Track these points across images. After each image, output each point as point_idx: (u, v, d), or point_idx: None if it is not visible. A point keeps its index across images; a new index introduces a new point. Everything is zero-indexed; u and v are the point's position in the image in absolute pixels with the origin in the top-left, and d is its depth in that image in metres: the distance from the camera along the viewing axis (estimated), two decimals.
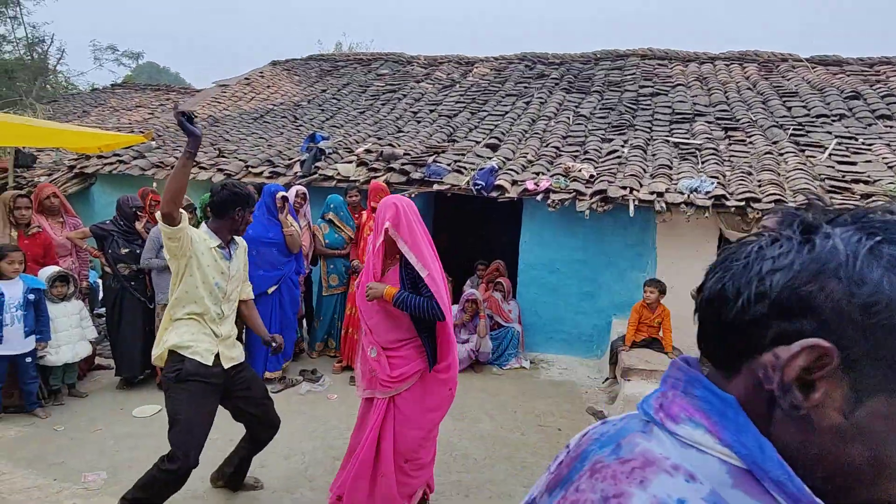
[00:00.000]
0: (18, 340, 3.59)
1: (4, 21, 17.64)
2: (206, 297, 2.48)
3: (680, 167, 5.49)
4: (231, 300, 2.62)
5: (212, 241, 2.51)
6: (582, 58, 9.57)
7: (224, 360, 2.55)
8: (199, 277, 2.44)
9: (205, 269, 2.46)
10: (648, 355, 4.41)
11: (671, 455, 0.51)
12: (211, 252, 2.49)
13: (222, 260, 2.54)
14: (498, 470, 3.37)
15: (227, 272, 2.55)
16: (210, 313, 2.51)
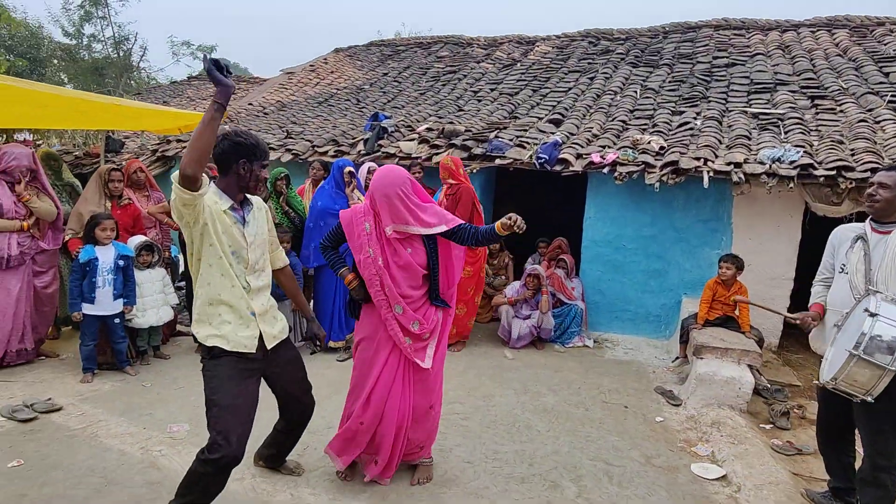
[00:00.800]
0: (108, 302, 3.87)
1: (95, 22, 19.05)
2: (231, 269, 2.15)
3: (760, 138, 5.13)
4: (258, 270, 2.27)
5: (222, 202, 2.13)
6: (649, 32, 9.13)
7: (267, 340, 2.27)
8: (220, 247, 2.11)
9: (221, 237, 2.11)
10: (723, 333, 4.17)
11: None
12: (222, 216, 2.12)
13: (236, 225, 2.17)
14: (562, 442, 3.31)
15: (244, 238, 2.19)
16: (238, 288, 2.18)
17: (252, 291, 2.23)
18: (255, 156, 2.14)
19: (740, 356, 3.90)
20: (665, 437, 3.46)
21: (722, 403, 3.77)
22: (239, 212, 2.20)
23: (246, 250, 2.19)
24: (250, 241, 2.21)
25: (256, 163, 2.15)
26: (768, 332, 4.81)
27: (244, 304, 2.19)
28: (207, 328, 2.16)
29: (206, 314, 2.17)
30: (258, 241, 2.26)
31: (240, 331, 2.18)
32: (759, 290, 4.77)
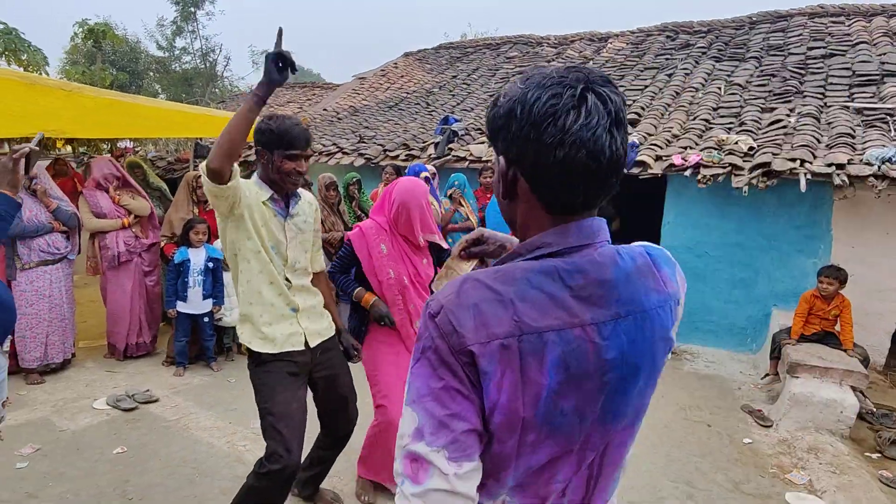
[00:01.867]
0: (199, 301, 4.14)
1: (185, 36, 20.51)
2: (271, 265, 2.02)
3: (866, 135, 4.67)
4: (297, 270, 2.12)
5: (262, 192, 2.00)
6: (734, 23, 8.57)
7: (310, 337, 2.13)
8: (258, 241, 1.98)
9: (260, 230, 1.99)
10: (821, 351, 3.83)
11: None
12: (262, 207, 1.98)
13: (276, 218, 2.03)
14: (641, 460, 3.16)
15: (284, 234, 2.05)
16: (278, 284, 2.05)
17: (293, 288, 2.10)
18: (276, 145, 1.91)
19: (842, 376, 3.56)
20: (754, 460, 3.22)
21: (820, 427, 3.46)
22: (280, 204, 2.04)
23: (285, 245, 2.05)
24: (290, 236, 2.06)
25: (278, 153, 1.92)
26: (874, 349, 4.37)
27: (283, 300, 2.06)
28: (250, 330, 2.06)
29: (248, 314, 2.06)
30: (300, 239, 2.10)
31: (282, 329, 2.07)
32: (863, 304, 4.34)
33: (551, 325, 0.74)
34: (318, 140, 7.23)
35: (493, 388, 0.73)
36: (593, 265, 0.78)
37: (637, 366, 0.81)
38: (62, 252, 3.98)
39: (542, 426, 0.76)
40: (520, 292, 0.75)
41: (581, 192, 0.77)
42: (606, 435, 0.83)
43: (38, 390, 3.77)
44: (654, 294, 0.82)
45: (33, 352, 3.87)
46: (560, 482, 0.82)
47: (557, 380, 0.75)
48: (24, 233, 3.76)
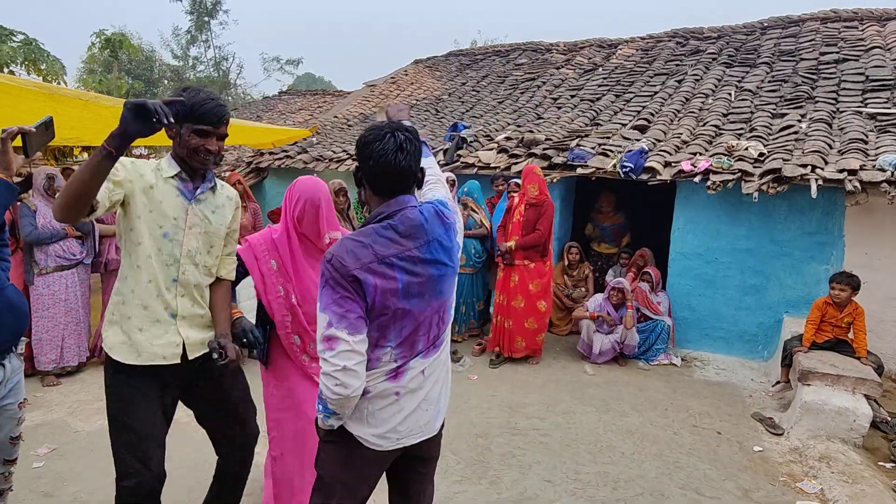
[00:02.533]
0: None
1: (199, 45, 20.85)
2: (153, 257, 1.75)
3: (879, 141, 4.63)
4: (196, 264, 1.83)
5: (168, 169, 1.78)
6: (745, 28, 8.54)
7: (191, 349, 1.84)
8: (147, 228, 1.73)
9: (147, 216, 1.73)
10: (834, 358, 3.79)
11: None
12: (161, 186, 1.75)
13: (178, 198, 1.77)
14: (648, 466, 3.15)
15: (184, 217, 1.78)
16: (157, 283, 1.76)
17: (181, 285, 1.81)
18: (186, 117, 1.70)
19: (855, 384, 3.52)
20: (765, 468, 3.19)
21: (832, 436, 3.42)
22: (188, 185, 1.81)
23: (182, 232, 1.78)
24: (192, 222, 1.80)
25: (187, 126, 1.71)
26: (888, 358, 4.31)
27: (161, 302, 1.78)
28: (117, 333, 1.77)
29: (119, 314, 1.79)
30: (204, 229, 1.84)
31: (156, 338, 1.77)
32: (877, 312, 4.30)
33: (393, 252, 1.43)
34: (328, 147, 7.31)
35: (371, 291, 1.40)
36: (408, 218, 1.46)
37: (442, 262, 1.50)
38: (77, 258, 4.07)
39: (403, 305, 1.44)
40: (372, 239, 1.43)
41: (388, 184, 1.48)
42: (440, 305, 1.53)
43: (54, 392, 3.83)
44: (441, 228, 1.52)
45: (49, 354, 3.94)
46: (422, 336, 1.51)
47: (404, 280, 1.43)
48: (40, 239, 3.86)
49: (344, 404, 1.41)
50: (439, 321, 1.55)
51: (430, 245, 1.47)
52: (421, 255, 1.45)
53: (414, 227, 1.45)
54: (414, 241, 1.45)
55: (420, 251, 1.45)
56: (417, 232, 1.45)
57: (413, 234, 1.45)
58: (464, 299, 5.14)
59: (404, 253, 1.43)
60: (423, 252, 1.46)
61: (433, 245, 1.47)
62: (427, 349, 1.53)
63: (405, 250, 1.43)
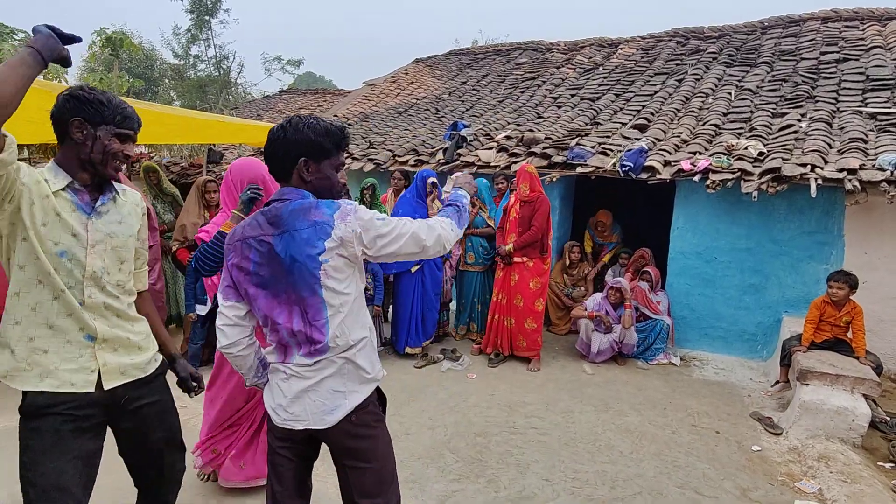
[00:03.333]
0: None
1: (199, 43, 20.84)
2: (54, 275, 1.52)
3: (879, 140, 4.62)
4: (106, 286, 1.61)
5: (56, 181, 1.55)
6: (745, 28, 8.54)
7: (107, 376, 1.60)
8: (38, 243, 1.50)
9: (39, 229, 1.50)
10: (833, 358, 3.78)
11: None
12: (53, 199, 1.52)
13: (74, 213, 1.56)
14: (647, 466, 3.15)
15: (85, 234, 1.56)
16: (65, 301, 1.54)
17: (92, 308, 1.58)
18: (100, 117, 1.55)
19: (854, 384, 3.52)
20: (763, 468, 3.19)
21: (831, 436, 3.42)
22: (84, 196, 1.59)
23: (84, 251, 1.56)
24: (93, 239, 1.58)
25: (103, 128, 1.56)
26: (887, 357, 4.31)
27: (75, 322, 1.56)
28: (10, 358, 1.52)
29: (12, 338, 1.53)
30: (108, 245, 1.62)
31: (65, 362, 1.54)
32: (877, 311, 4.29)
33: (253, 235, 1.58)
34: None
35: (230, 266, 1.62)
36: (276, 208, 1.57)
37: (294, 257, 1.52)
38: None
39: (253, 289, 1.59)
40: (248, 221, 1.62)
41: (270, 168, 1.64)
42: (298, 297, 1.56)
43: None
44: (304, 222, 1.53)
45: None
46: (283, 324, 1.58)
47: (256, 260, 1.57)
48: None
49: (231, 360, 1.68)
50: (307, 322, 1.56)
51: (284, 236, 1.53)
52: (273, 243, 1.54)
53: (276, 216, 1.56)
54: (273, 229, 1.55)
55: (274, 239, 1.54)
56: (277, 221, 1.55)
57: (274, 223, 1.56)
58: (477, 298, 5.15)
59: (260, 237, 1.57)
60: (276, 241, 1.54)
61: (286, 237, 1.53)
62: (305, 348, 1.58)
63: (263, 234, 1.56)
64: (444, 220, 1.68)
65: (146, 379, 1.71)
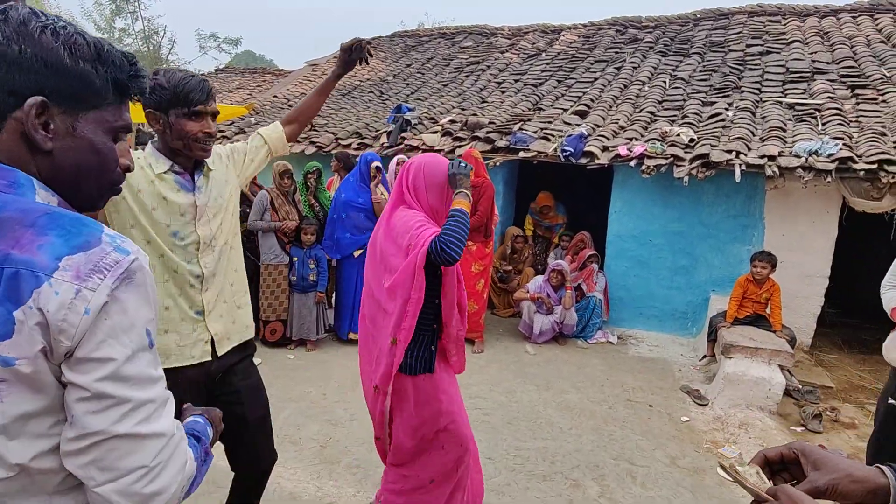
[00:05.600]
0: None
1: (125, 16, 19.45)
2: (168, 255, 1.62)
3: (796, 129, 4.95)
4: (214, 247, 1.69)
5: (157, 165, 1.62)
6: (679, 19, 8.87)
7: (220, 344, 1.72)
8: (148, 227, 1.58)
9: (152, 215, 1.58)
10: (753, 332, 4.06)
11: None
12: (157, 184, 1.59)
13: (179, 193, 1.62)
14: (585, 440, 3.28)
15: (193, 211, 1.64)
16: (178, 280, 1.63)
17: (205, 279, 1.67)
18: (166, 102, 1.55)
19: (771, 356, 3.79)
20: (691, 437, 3.40)
21: (751, 404, 3.68)
22: (185, 176, 1.65)
23: (194, 226, 1.64)
24: (200, 213, 1.65)
25: (172, 113, 1.55)
26: (801, 331, 4.67)
27: (186, 301, 1.65)
28: None
29: None
30: (213, 212, 1.70)
31: (183, 338, 1.64)
32: (792, 288, 4.63)
33: None
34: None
35: None
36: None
37: None
38: None
39: None
40: None
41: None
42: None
43: None
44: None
45: None
46: None
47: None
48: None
49: None
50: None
51: None
52: None
53: None
54: None
55: None
56: None
57: None
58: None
59: None
60: None
61: None
62: None
63: None
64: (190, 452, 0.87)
65: (245, 347, 1.83)
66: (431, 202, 1.99)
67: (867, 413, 3.84)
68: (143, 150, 1.66)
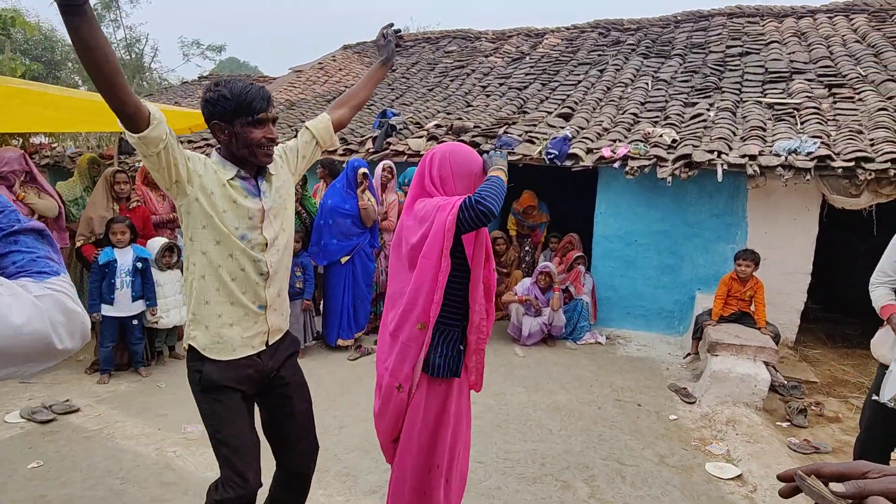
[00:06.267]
0: (127, 304, 3.92)
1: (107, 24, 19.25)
2: (236, 255, 1.69)
3: (776, 129, 5.03)
4: (277, 247, 1.78)
5: (225, 171, 1.67)
6: (661, 22, 8.99)
7: (272, 335, 1.84)
8: (221, 227, 1.65)
9: (223, 217, 1.65)
10: (738, 330, 4.11)
11: None
12: (226, 189, 1.66)
13: (247, 199, 1.69)
14: (574, 441, 3.29)
15: (260, 215, 1.71)
16: (245, 277, 1.72)
17: (270, 277, 1.77)
18: (230, 112, 1.59)
19: (756, 353, 3.84)
20: (679, 435, 3.42)
21: (737, 401, 3.72)
22: (251, 182, 1.71)
23: (260, 230, 1.72)
24: (266, 217, 1.73)
25: (237, 122, 1.60)
26: (785, 327, 4.73)
27: (251, 297, 1.74)
28: (205, 334, 1.72)
29: (203, 315, 1.72)
30: (274, 214, 1.77)
31: (244, 329, 1.75)
32: (775, 285, 4.69)
33: None
34: None
35: None
36: None
37: None
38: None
39: None
40: None
41: None
42: None
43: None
44: None
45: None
46: None
47: None
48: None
49: None
50: None
51: None
52: None
53: None
54: None
55: None
56: None
57: None
58: None
59: None
60: None
61: None
62: None
63: None
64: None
65: (292, 344, 1.95)
66: (459, 191, 1.87)
67: (850, 407, 3.90)
68: (211, 156, 1.73)
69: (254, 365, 1.79)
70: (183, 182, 1.60)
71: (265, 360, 1.82)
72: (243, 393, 1.79)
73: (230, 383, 1.74)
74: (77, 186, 4.64)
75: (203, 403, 1.78)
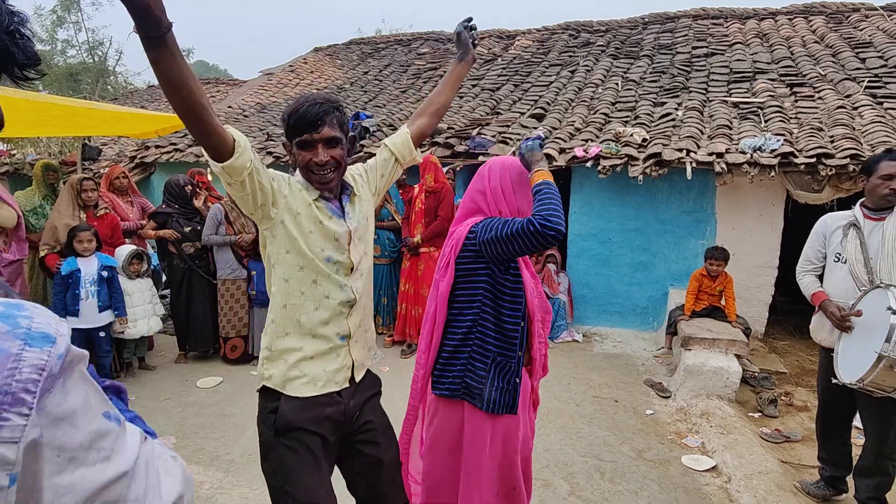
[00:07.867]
0: (93, 315, 3.79)
1: (68, 27, 18.67)
2: (319, 281, 1.57)
3: (741, 127, 5.16)
4: (362, 271, 1.66)
5: (310, 192, 1.58)
6: (629, 23, 9.16)
7: (357, 370, 1.67)
8: (307, 251, 1.54)
9: (309, 238, 1.55)
10: (710, 324, 4.20)
11: None
12: (311, 210, 1.56)
13: (331, 220, 1.59)
14: (553, 439, 3.31)
15: (347, 237, 1.60)
16: (330, 305, 1.58)
17: (354, 304, 1.63)
18: (287, 133, 1.54)
19: (728, 346, 3.93)
20: (655, 430, 3.48)
21: (711, 394, 3.80)
22: (334, 202, 1.62)
23: (346, 253, 1.60)
24: (355, 237, 1.64)
25: (297, 140, 1.52)
26: (754, 320, 4.86)
27: (334, 327, 1.60)
28: (284, 370, 1.57)
29: (283, 349, 1.58)
30: (358, 236, 1.66)
31: (329, 364, 1.60)
32: (744, 280, 4.81)
33: None
34: None
35: None
36: None
37: None
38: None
39: None
40: None
41: None
42: None
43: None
44: None
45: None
46: None
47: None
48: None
49: None
50: None
51: None
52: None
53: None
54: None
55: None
56: None
57: None
58: (384, 290, 5.08)
59: None
60: None
61: None
62: None
63: None
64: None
65: (374, 383, 1.76)
66: (519, 203, 1.82)
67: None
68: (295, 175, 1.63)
69: (335, 403, 1.59)
70: (268, 206, 1.50)
71: (346, 399, 1.63)
72: (323, 440, 1.59)
73: (307, 425, 1.54)
74: (35, 195, 4.46)
75: (272, 451, 1.55)
